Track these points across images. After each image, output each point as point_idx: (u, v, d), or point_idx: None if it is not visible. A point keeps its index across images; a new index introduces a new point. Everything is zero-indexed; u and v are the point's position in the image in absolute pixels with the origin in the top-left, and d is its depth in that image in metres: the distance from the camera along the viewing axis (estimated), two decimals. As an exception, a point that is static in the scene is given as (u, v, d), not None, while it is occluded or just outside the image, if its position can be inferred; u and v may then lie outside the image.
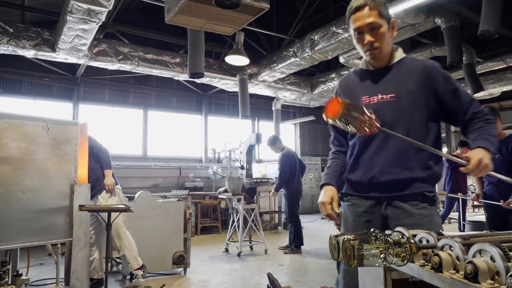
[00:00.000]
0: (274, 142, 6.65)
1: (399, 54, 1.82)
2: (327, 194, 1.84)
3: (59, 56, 6.64)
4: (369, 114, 1.44)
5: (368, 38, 1.72)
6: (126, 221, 4.31)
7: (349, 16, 1.76)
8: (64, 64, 8.28)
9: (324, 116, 1.46)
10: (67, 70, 9.99)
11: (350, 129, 1.45)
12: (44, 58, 6.85)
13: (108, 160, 4.33)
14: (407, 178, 1.70)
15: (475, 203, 11.49)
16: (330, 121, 1.46)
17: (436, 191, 1.78)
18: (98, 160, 4.30)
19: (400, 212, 1.72)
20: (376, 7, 1.69)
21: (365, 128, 1.44)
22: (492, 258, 0.89)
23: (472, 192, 5.90)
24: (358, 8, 1.70)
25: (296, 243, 6.30)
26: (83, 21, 5.32)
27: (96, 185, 4.23)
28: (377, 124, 1.46)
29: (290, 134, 14.89)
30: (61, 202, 3.57)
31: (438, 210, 1.83)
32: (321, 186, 1.92)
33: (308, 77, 9.98)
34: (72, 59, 6.84)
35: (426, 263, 1.08)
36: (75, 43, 6.10)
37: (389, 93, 1.76)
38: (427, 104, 1.75)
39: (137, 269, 4.13)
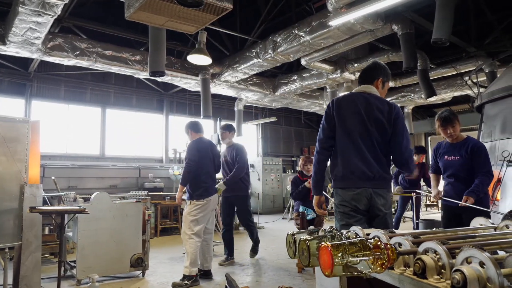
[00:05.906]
0: (230, 129, 5.82)
1: None
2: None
3: (10, 50, 6.28)
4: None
5: None
6: (194, 227, 4.55)
7: None
8: (16, 58, 7.84)
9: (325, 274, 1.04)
10: (19, 65, 9.47)
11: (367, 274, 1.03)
12: (-8, 51, 6.46)
13: (183, 175, 4.68)
14: None
15: (428, 202, 12.16)
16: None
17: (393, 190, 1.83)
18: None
19: None
20: None
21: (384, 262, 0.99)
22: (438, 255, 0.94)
23: (430, 192, 6.13)
24: None
25: (255, 243, 6.06)
26: (37, 14, 5.06)
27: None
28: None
29: (252, 135, 14.95)
30: (9, 204, 3.40)
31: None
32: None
33: (270, 78, 10.06)
34: (24, 53, 6.49)
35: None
36: (27, 36, 5.79)
37: None
38: None
39: (185, 277, 4.41)
